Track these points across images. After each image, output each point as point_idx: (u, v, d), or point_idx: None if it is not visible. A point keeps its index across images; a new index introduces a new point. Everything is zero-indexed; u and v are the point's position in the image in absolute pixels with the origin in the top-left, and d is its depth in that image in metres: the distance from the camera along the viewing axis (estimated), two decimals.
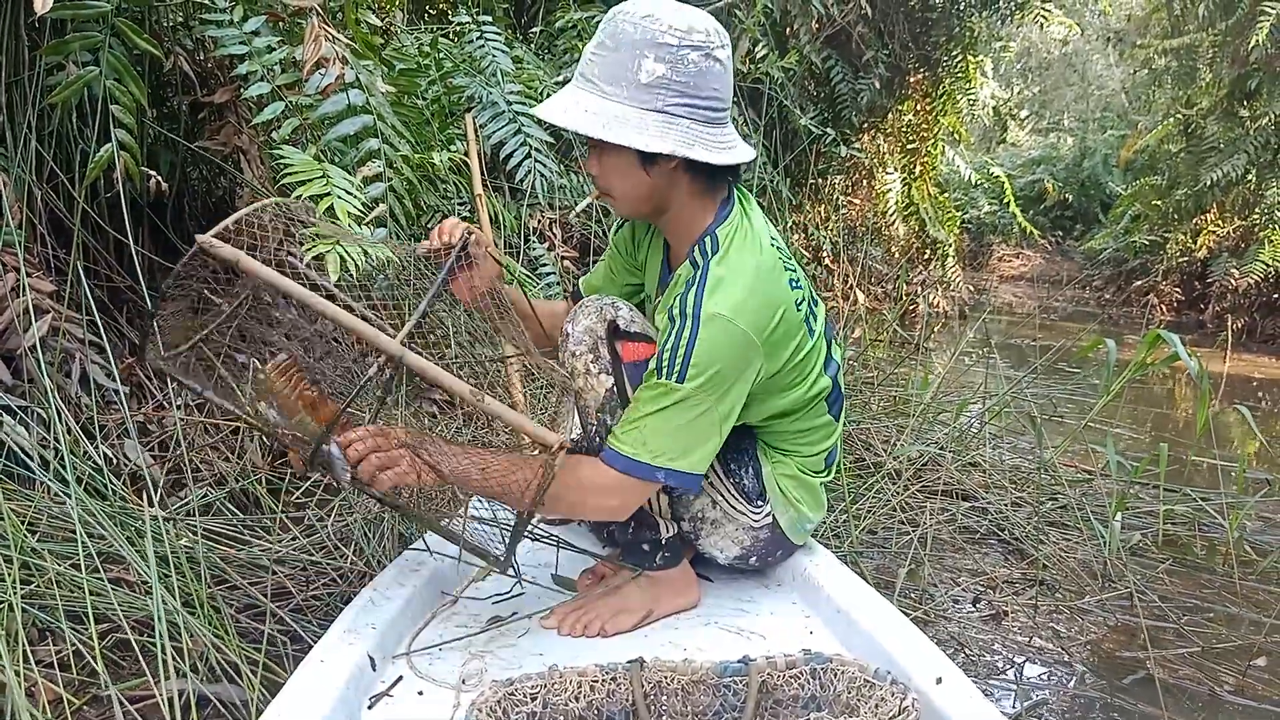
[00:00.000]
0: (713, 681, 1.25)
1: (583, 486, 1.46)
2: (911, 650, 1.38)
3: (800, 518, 1.67)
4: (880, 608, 1.53)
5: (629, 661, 1.26)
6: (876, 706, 1.19)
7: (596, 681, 1.24)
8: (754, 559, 1.70)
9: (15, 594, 1.40)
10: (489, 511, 1.61)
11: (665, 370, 1.43)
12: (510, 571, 1.48)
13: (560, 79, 3.60)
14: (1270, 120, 6.92)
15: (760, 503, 1.63)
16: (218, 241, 1.24)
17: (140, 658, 1.38)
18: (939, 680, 1.28)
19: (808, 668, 1.25)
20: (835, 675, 1.24)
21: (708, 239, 1.51)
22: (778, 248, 1.57)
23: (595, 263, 3.61)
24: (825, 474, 1.71)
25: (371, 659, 1.36)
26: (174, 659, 1.34)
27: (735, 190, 1.57)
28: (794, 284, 1.55)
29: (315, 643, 1.35)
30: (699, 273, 1.48)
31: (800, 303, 1.56)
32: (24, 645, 1.34)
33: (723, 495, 1.61)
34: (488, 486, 1.38)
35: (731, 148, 1.47)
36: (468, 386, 1.24)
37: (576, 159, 3.75)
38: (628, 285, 1.81)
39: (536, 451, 1.36)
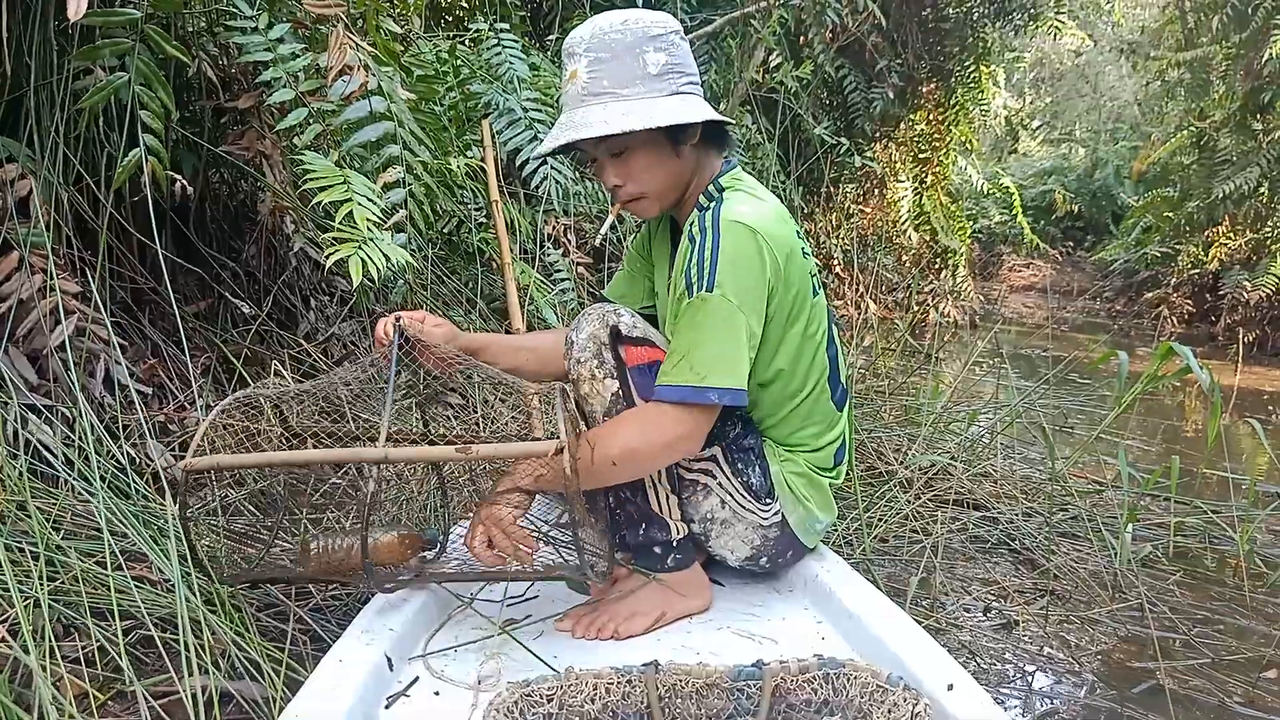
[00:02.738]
0: (727, 685, 1.27)
1: (642, 429, 1.48)
2: (923, 657, 1.39)
3: (809, 516, 1.69)
4: (892, 614, 1.54)
5: (644, 664, 1.28)
6: (889, 712, 1.20)
7: (612, 684, 1.26)
8: (764, 559, 1.72)
9: (42, 590, 1.42)
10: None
11: (695, 285, 1.47)
12: (594, 580, 1.47)
13: None
14: None
15: (769, 500, 1.65)
16: (196, 460, 1.39)
17: (164, 654, 1.40)
18: (950, 686, 1.29)
19: (821, 672, 1.26)
20: (848, 680, 1.25)
21: (712, 185, 1.61)
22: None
23: (609, 267, 3.65)
24: (834, 473, 1.73)
25: (389, 659, 1.38)
26: (197, 656, 1.36)
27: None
28: (799, 235, 1.63)
29: (334, 642, 1.38)
30: (713, 203, 1.56)
31: (806, 254, 1.63)
32: (50, 641, 1.37)
33: (731, 494, 1.63)
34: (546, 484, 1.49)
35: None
36: (451, 449, 1.37)
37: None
38: (651, 282, 1.84)
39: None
